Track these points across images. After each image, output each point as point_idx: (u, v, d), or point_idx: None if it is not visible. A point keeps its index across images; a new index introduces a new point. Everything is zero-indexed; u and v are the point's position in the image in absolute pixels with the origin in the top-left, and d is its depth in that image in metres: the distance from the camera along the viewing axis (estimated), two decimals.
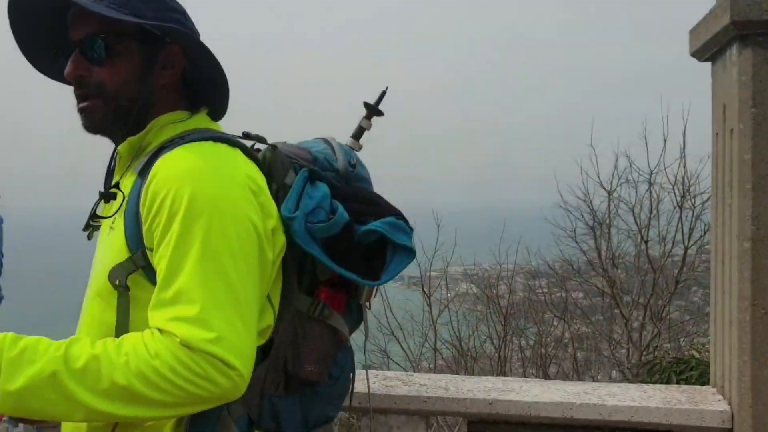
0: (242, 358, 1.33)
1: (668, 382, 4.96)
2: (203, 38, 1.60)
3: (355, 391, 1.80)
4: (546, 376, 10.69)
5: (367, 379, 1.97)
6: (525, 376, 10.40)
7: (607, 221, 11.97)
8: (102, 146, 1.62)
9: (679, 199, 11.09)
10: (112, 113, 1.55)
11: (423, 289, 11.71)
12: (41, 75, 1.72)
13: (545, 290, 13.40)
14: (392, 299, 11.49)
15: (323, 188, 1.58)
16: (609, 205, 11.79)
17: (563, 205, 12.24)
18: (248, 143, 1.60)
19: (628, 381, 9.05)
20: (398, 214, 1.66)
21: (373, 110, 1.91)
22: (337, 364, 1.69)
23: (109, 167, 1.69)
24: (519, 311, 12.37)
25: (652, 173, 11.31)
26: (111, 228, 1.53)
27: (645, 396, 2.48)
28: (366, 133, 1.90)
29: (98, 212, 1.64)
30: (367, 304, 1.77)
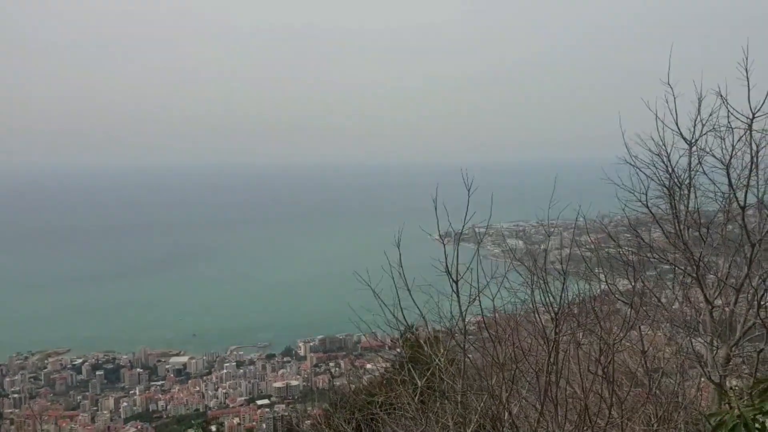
0: None
1: None
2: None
3: None
4: None
5: None
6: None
7: (688, 180, 9.46)
8: None
9: None
10: None
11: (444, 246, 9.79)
12: None
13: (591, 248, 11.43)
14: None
15: None
16: (690, 160, 9.33)
17: (631, 161, 9.84)
18: None
19: (715, 385, 6.93)
20: None
21: None
22: None
23: None
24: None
25: (753, 117, 8.57)
26: None
27: None
28: None
29: None
30: None
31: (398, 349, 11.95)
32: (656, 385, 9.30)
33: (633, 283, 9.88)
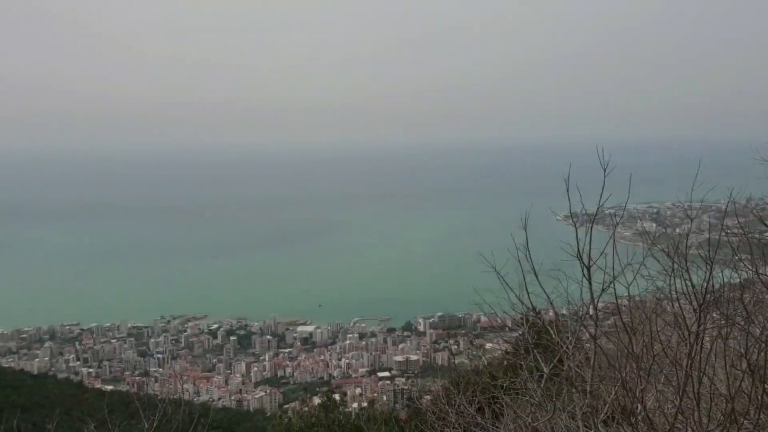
0: None
1: None
2: None
3: None
4: None
5: None
6: None
7: None
8: None
9: None
10: None
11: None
12: None
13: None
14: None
15: None
16: None
17: None
18: None
19: None
20: None
21: None
22: None
23: None
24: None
25: None
26: None
27: None
28: None
29: None
30: None
31: (521, 332, 11.58)
32: None
33: None
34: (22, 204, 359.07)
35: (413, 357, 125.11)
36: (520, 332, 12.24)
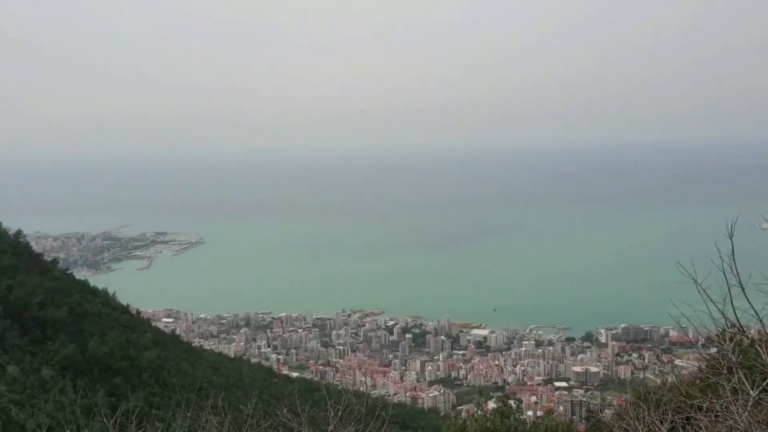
0: None
1: None
2: None
3: None
4: None
5: None
6: None
7: None
8: None
9: None
10: None
11: None
12: None
13: None
14: None
15: None
16: None
17: None
18: None
19: None
20: None
21: None
22: None
23: None
24: None
25: None
26: None
27: None
28: None
29: None
30: None
31: (721, 349, 10.58)
32: None
33: None
34: (222, 201, 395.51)
35: (593, 368, 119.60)
36: (719, 349, 11.21)
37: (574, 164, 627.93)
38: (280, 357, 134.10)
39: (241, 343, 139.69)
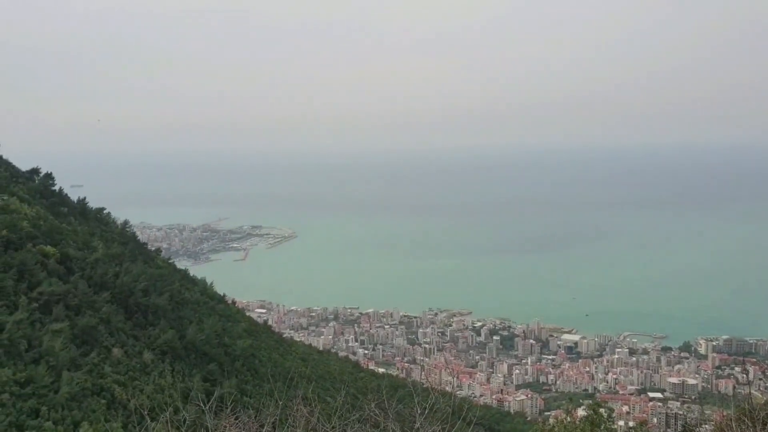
0: None
1: None
2: None
3: None
4: None
5: None
6: None
7: None
8: None
9: None
10: None
11: None
12: None
13: None
14: None
15: None
16: None
17: None
18: None
19: None
20: None
21: None
22: None
23: None
24: None
25: None
26: None
27: None
28: None
29: None
30: None
31: None
32: None
33: None
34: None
35: (691, 381, 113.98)
36: None
37: (678, 165, 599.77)
38: (366, 352, 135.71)
39: (330, 337, 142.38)
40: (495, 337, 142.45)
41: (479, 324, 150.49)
